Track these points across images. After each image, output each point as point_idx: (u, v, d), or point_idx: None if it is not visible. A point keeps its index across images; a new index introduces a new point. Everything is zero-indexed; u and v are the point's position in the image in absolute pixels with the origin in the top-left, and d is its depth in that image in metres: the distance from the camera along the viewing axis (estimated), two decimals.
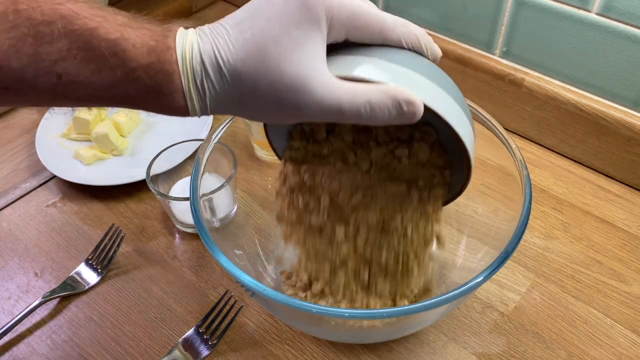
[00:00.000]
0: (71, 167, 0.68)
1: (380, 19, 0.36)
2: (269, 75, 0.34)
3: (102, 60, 0.33)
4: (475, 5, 0.67)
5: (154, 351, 0.52)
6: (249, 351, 0.52)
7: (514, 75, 0.68)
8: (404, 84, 0.35)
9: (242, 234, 0.58)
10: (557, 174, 0.68)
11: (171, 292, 0.57)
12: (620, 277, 0.57)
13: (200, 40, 0.34)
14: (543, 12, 0.62)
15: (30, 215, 0.65)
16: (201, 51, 0.34)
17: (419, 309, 0.40)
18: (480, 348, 0.52)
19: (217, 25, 0.35)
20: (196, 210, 0.46)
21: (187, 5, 0.94)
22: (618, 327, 0.53)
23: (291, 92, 0.34)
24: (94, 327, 0.54)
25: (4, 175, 0.70)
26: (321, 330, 0.48)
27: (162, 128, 0.74)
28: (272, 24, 0.34)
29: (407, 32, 0.37)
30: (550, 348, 0.51)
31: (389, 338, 0.51)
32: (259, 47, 0.34)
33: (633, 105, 0.62)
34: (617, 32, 0.58)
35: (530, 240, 0.60)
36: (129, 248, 0.61)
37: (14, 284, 0.58)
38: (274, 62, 0.34)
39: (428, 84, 0.37)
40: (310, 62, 0.34)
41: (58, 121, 0.73)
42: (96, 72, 0.33)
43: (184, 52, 0.34)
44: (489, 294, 0.55)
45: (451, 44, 0.72)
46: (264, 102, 0.35)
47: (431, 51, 0.39)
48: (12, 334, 0.54)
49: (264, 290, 0.41)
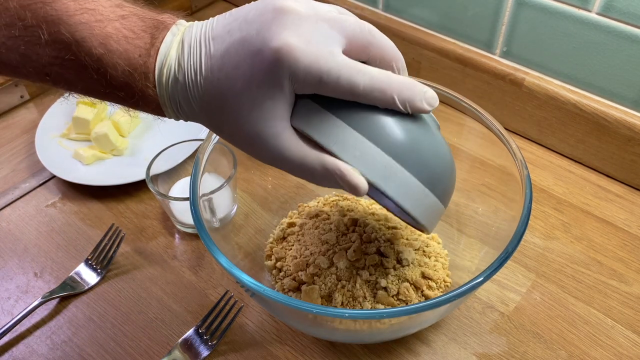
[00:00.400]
0: (71, 167, 0.68)
1: (351, 86, 0.34)
2: (228, 124, 0.36)
3: (86, 73, 0.35)
4: (476, 4, 0.67)
5: (153, 351, 0.52)
6: (249, 351, 0.52)
7: (514, 75, 0.68)
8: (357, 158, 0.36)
9: (242, 234, 0.58)
10: (558, 174, 0.68)
11: (171, 293, 0.57)
12: (620, 277, 0.57)
13: (177, 68, 0.35)
14: (543, 12, 0.62)
15: (30, 216, 0.65)
16: (175, 81, 0.35)
17: (419, 309, 0.40)
18: (480, 348, 0.52)
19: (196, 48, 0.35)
20: (196, 210, 0.46)
21: (187, 5, 0.94)
22: (618, 327, 0.53)
23: (247, 144, 0.36)
24: (93, 328, 0.54)
25: (4, 175, 0.70)
26: (321, 330, 0.48)
27: (162, 128, 0.74)
28: (238, 76, 0.34)
29: (383, 98, 0.35)
30: (551, 348, 0.51)
31: (389, 338, 0.51)
32: (222, 97, 0.35)
33: (633, 105, 0.62)
34: (618, 32, 0.58)
35: (531, 240, 0.60)
36: (129, 248, 0.61)
37: (13, 284, 0.58)
38: (232, 116, 0.35)
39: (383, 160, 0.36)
40: (267, 124, 0.35)
41: (58, 121, 0.73)
42: (82, 80, 0.35)
43: (161, 78, 0.35)
44: (489, 294, 0.55)
45: (451, 44, 0.72)
46: (228, 139, 0.38)
47: (415, 110, 0.36)
48: (11, 334, 0.54)
49: (264, 290, 0.41)
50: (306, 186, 0.64)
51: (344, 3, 0.80)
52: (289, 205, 0.62)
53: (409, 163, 0.37)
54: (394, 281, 0.49)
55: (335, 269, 0.50)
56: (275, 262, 0.55)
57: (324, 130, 0.36)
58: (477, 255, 0.54)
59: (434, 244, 0.56)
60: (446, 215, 0.59)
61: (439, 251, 0.55)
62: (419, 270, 0.51)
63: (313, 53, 0.33)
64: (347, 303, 0.49)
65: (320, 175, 0.36)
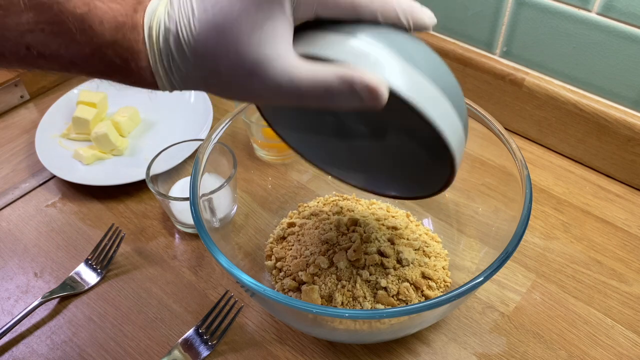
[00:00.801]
0: (71, 167, 0.68)
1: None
2: (228, 58, 0.33)
3: (69, 36, 0.33)
4: (476, 5, 0.67)
5: (153, 351, 0.52)
6: (249, 351, 0.52)
7: (514, 75, 0.68)
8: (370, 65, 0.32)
9: (242, 234, 0.58)
10: (558, 174, 0.68)
11: (171, 292, 0.57)
12: (620, 277, 0.57)
13: (167, 19, 0.33)
14: (543, 12, 0.62)
15: (30, 216, 0.65)
16: (167, 31, 0.33)
17: (419, 309, 0.40)
18: (480, 348, 0.52)
19: None
20: (196, 210, 0.46)
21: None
22: (618, 327, 0.53)
23: (250, 76, 0.33)
24: (93, 328, 0.54)
25: (4, 175, 0.70)
26: (321, 330, 0.48)
27: (162, 128, 0.74)
28: (233, 3, 0.32)
29: (384, 7, 0.33)
30: (551, 348, 0.51)
31: (389, 338, 0.51)
32: (219, 29, 0.33)
33: (633, 105, 0.62)
34: (618, 32, 0.58)
35: (531, 240, 0.60)
36: (129, 248, 0.61)
37: (13, 284, 0.58)
38: (233, 45, 0.33)
39: (398, 65, 0.32)
40: (270, 45, 0.33)
41: (57, 121, 0.73)
42: (64, 47, 0.33)
43: (151, 31, 0.33)
44: (489, 294, 0.55)
45: (451, 44, 0.72)
46: (226, 84, 0.34)
47: (416, 23, 0.34)
48: (11, 334, 0.54)
49: (264, 290, 0.41)
50: (306, 186, 0.64)
51: None
52: (289, 205, 0.62)
53: (424, 66, 0.32)
54: (394, 281, 0.49)
55: (335, 269, 0.50)
56: (275, 262, 0.55)
57: (331, 45, 0.33)
58: (477, 255, 0.54)
59: (434, 243, 0.56)
60: (446, 215, 0.59)
61: (439, 251, 0.55)
62: (419, 270, 0.51)
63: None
64: (347, 303, 0.49)
65: (336, 89, 0.33)
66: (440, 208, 0.60)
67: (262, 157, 0.65)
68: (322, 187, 0.64)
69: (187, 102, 0.76)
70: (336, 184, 0.65)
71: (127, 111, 0.73)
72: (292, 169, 0.66)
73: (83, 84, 0.77)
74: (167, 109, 0.76)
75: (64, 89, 0.79)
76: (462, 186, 0.59)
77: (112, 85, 0.37)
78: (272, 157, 0.66)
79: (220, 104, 0.78)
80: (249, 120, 0.63)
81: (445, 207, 0.60)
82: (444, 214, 0.60)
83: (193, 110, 0.75)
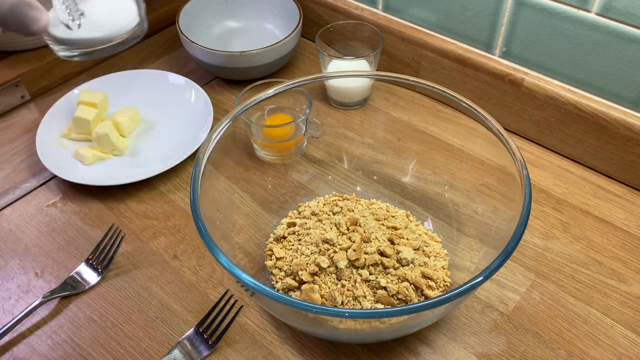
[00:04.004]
0: (71, 167, 0.68)
1: None
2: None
3: None
4: (475, 5, 0.67)
5: (154, 351, 0.52)
6: (249, 351, 0.52)
7: (513, 75, 0.68)
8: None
9: (242, 234, 0.58)
10: (557, 174, 0.68)
11: (171, 292, 0.57)
12: (620, 277, 0.57)
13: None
14: (543, 12, 0.62)
15: (31, 215, 0.65)
16: None
17: (419, 308, 0.40)
18: (480, 348, 0.52)
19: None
20: (196, 210, 0.46)
21: None
22: (618, 327, 0.53)
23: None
24: (94, 327, 0.54)
25: (4, 175, 0.70)
26: (321, 330, 0.48)
27: (162, 128, 0.74)
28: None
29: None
30: (550, 348, 0.52)
31: (389, 338, 0.51)
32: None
33: (633, 105, 0.62)
34: (617, 32, 0.59)
35: (530, 240, 0.60)
36: (129, 248, 0.61)
37: (14, 283, 0.58)
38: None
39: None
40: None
41: (58, 121, 0.73)
42: None
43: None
44: (489, 294, 0.56)
45: (451, 44, 0.72)
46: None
47: None
48: (12, 333, 0.54)
49: (264, 290, 0.41)
50: (306, 186, 0.65)
51: (344, 3, 0.80)
52: (289, 205, 0.62)
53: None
54: (394, 281, 0.50)
55: (335, 269, 0.50)
56: (275, 262, 0.55)
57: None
58: (476, 255, 0.54)
59: (433, 243, 0.56)
60: (446, 215, 0.60)
61: (439, 251, 0.55)
62: (419, 270, 0.51)
63: None
64: (347, 303, 0.49)
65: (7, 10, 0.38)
66: (440, 208, 0.60)
67: (262, 157, 0.66)
68: (322, 187, 0.64)
69: (187, 102, 0.76)
70: (336, 184, 0.65)
71: (127, 111, 0.73)
72: (292, 169, 0.66)
73: (84, 84, 0.77)
74: (168, 109, 0.76)
75: (64, 89, 0.79)
76: (462, 186, 0.59)
77: None
78: (272, 157, 0.66)
79: (220, 104, 0.78)
80: (249, 120, 0.63)
81: (445, 207, 0.60)
82: (443, 213, 0.60)
83: (193, 110, 0.75)
